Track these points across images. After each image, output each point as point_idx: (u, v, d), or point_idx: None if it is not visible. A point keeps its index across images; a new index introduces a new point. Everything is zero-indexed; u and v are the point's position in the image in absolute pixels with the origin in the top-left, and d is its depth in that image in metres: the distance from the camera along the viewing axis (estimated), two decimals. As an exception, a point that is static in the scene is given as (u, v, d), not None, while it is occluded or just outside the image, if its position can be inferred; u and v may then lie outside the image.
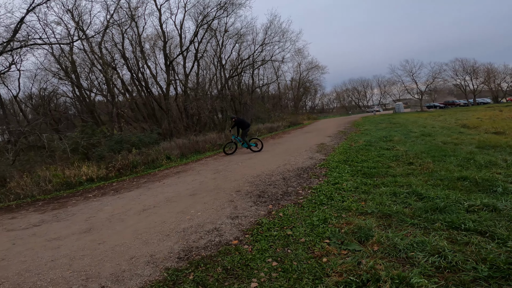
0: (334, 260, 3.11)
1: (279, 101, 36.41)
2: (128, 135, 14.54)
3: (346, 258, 3.16)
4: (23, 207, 6.50)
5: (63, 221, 5.19)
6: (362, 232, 3.63)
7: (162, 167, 11.56)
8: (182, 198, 6.22)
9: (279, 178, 7.11)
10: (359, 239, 3.52)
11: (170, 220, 4.99)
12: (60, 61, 18.94)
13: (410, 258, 3.03)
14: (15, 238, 4.38)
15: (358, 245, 3.41)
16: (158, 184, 7.81)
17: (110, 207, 6.01)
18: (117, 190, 7.58)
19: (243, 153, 12.12)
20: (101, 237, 4.38)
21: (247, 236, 4.10)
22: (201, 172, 8.75)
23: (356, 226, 3.83)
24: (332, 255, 3.26)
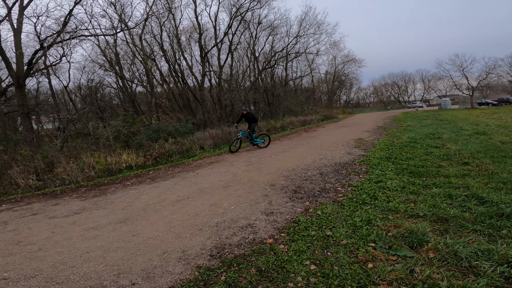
0: (382, 267, 2.77)
1: (312, 94, 35.31)
2: (165, 124, 14.77)
3: (396, 265, 2.83)
4: (67, 193, 6.72)
5: (102, 209, 5.22)
6: (414, 236, 3.23)
7: (196, 156, 11.56)
8: (215, 190, 6.03)
9: (315, 173, 6.67)
10: (410, 245, 3.15)
11: (203, 213, 4.80)
12: (105, 53, 19.72)
13: (474, 268, 2.63)
14: (55, 226, 4.44)
15: (410, 251, 3.04)
16: (192, 174, 7.72)
17: (146, 196, 5.98)
18: (153, 179, 7.61)
19: (276, 145, 11.76)
20: (135, 228, 4.30)
21: (283, 234, 3.80)
22: (234, 164, 8.54)
23: (406, 230, 3.41)
24: (378, 260, 2.91)
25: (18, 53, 9.86)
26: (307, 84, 36.54)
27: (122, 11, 15.63)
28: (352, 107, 49.53)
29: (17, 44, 9.91)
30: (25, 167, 8.28)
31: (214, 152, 12.36)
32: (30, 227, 4.43)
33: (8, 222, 4.68)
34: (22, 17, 9.68)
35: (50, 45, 10.64)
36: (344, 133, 14.23)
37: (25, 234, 4.13)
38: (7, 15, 9.34)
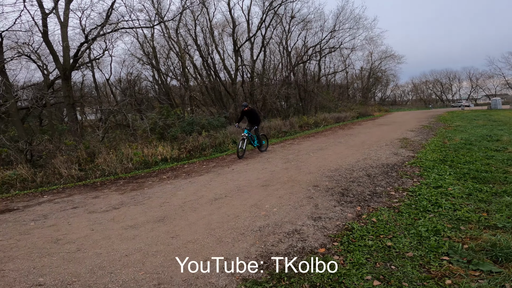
0: (465, 283, 2.42)
1: (346, 91, 33.75)
2: (198, 117, 14.59)
3: (480, 281, 2.46)
4: (106, 185, 6.61)
5: (140, 205, 4.96)
6: (498, 250, 2.79)
7: (229, 151, 11.22)
8: (254, 189, 5.58)
9: (362, 174, 5.99)
10: (494, 259, 2.76)
11: (244, 214, 4.37)
12: (143, 47, 20.04)
13: None
14: (94, 223, 4.22)
15: (495, 266, 2.67)
16: (227, 170, 7.34)
17: (183, 192, 5.67)
18: (189, 173, 7.33)
19: (312, 142, 11.09)
20: (174, 228, 3.95)
21: (336, 244, 3.33)
22: (270, 160, 8.04)
23: (486, 243, 2.93)
24: (458, 276, 2.54)
25: (64, 44, 10.03)
26: (340, 80, 35.00)
27: (159, 4, 15.60)
28: (388, 105, 46.81)
29: (63, 37, 10.09)
30: (69, 157, 8.37)
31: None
32: (69, 222, 4.24)
33: (48, 216, 4.54)
34: (68, 10, 9.80)
35: (94, 38, 10.76)
36: (385, 132, 13.18)
37: (64, 230, 3.93)
38: (53, 8, 9.49)
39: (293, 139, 12.57)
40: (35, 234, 3.78)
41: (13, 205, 5.24)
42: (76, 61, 11.16)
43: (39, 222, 4.26)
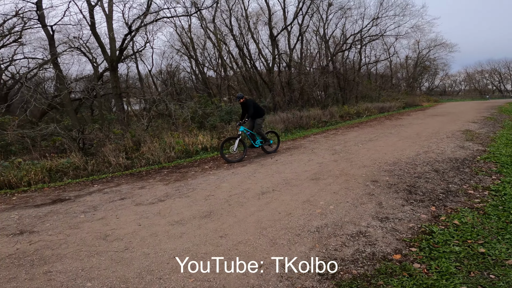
0: None
1: (390, 80, 31.32)
2: (236, 106, 14.23)
3: None
4: (151, 175, 6.49)
5: (185, 198, 4.69)
6: None
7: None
8: (303, 182, 5.04)
9: (428, 169, 5.17)
10: None
11: (297, 212, 3.87)
12: (181, 38, 20.15)
13: None
14: (141, 217, 3.99)
15: None
16: (271, 161, 6.87)
17: (227, 184, 5.31)
18: (230, 164, 6.98)
19: (357, 133, 10.19)
20: (222, 226, 3.58)
21: (414, 249, 2.82)
22: (316, 151, 7.41)
23: None
24: None
25: (111, 35, 10.13)
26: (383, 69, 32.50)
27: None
28: (437, 95, 42.80)
29: (109, 28, 10.20)
30: (116, 145, 8.46)
31: (285, 136, 11.40)
32: (117, 215, 4.05)
33: (97, 208, 4.42)
34: (112, 1, 9.83)
35: (137, 28, 10.80)
36: (441, 123, 11.77)
37: (113, 225, 3.73)
38: (98, 0, 9.53)
39: (336, 129, 11.74)
40: (85, 229, 3.63)
41: (65, 194, 5.25)
42: (121, 52, 11.28)
43: (88, 214, 4.13)
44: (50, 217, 4.05)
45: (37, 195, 5.26)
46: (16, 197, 5.25)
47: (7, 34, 10.02)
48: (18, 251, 3.04)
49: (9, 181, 5.69)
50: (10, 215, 4.21)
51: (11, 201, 5.00)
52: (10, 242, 3.29)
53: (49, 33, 9.85)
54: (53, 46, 10.01)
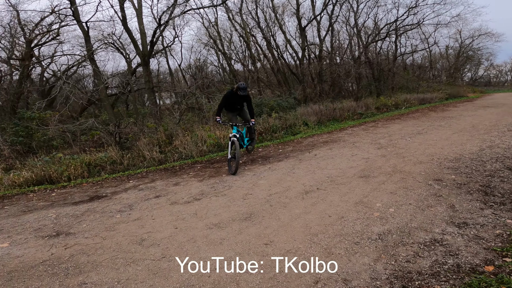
0: None
1: (429, 70, 29.00)
2: (266, 99, 13.72)
3: None
4: (184, 170, 6.23)
5: (221, 197, 4.32)
6: None
7: (301, 134, 10.16)
8: (351, 180, 4.47)
9: (499, 166, 4.37)
10: None
11: (350, 215, 3.34)
12: (208, 32, 20.01)
13: None
14: (177, 218, 3.66)
15: None
16: (309, 156, 6.32)
17: (265, 181, 4.87)
18: (265, 158, 6.54)
19: (402, 126, 9.28)
20: (265, 231, 3.15)
21: (508, 259, 2.35)
22: (359, 145, 6.74)
23: None
24: None
25: (141, 28, 10.03)
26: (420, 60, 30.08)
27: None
28: (481, 86, 39.18)
29: (139, 23, 10.18)
30: (150, 139, 8.36)
31: (319, 129, 10.74)
32: (153, 216, 3.77)
33: (133, 206, 4.17)
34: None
35: (167, 22, 10.64)
36: (496, 115, 10.45)
37: (149, 227, 3.44)
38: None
39: (374, 121, 10.84)
40: (121, 231, 3.36)
41: (102, 190, 5.10)
42: (152, 47, 11.21)
43: (124, 214, 3.89)
44: (87, 217, 3.86)
45: (75, 191, 5.16)
46: (56, 193, 5.18)
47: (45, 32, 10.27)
48: (53, 257, 2.81)
49: (49, 176, 5.69)
50: (48, 213, 4.08)
51: (50, 197, 4.92)
52: (45, 245, 3.09)
53: (84, 29, 9.94)
54: (89, 42, 10.10)
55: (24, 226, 3.65)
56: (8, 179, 5.55)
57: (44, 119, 8.10)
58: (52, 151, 7.30)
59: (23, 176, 5.65)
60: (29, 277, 2.48)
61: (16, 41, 11.29)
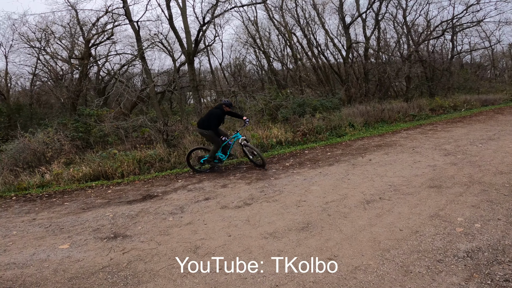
0: None
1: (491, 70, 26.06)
2: (310, 98, 13.23)
3: None
4: (230, 171, 6.08)
5: (273, 202, 4.06)
6: None
7: (347, 136, 9.58)
8: (420, 191, 3.96)
9: None
10: None
11: (426, 230, 2.91)
12: (248, 30, 20.06)
13: None
14: (230, 225, 3.48)
15: None
16: (363, 161, 5.83)
17: (318, 187, 4.53)
18: (314, 162, 6.17)
19: (465, 130, 8.28)
20: (327, 244, 2.85)
21: None
22: (420, 151, 6.07)
23: None
24: None
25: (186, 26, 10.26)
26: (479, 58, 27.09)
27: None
28: None
29: (184, 22, 10.40)
30: (195, 137, 8.43)
31: (367, 131, 10.05)
32: (205, 220, 3.63)
33: (184, 209, 4.08)
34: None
35: (210, 20, 10.76)
36: None
37: (201, 233, 3.30)
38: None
39: (431, 124, 9.85)
40: (174, 236, 3.26)
41: (154, 189, 5.13)
42: (197, 45, 11.39)
43: (176, 217, 3.81)
44: (141, 218, 3.84)
45: (129, 189, 5.26)
46: (111, 190, 5.32)
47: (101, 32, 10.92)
48: (112, 263, 2.76)
49: (105, 172, 5.93)
50: (105, 212, 4.15)
51: (107, 195, 5.05)
52: (104, 248, 3.07)
53: (136, 28, 10.36)
54: (140, 41, 10.52)
55: (84, 226, 3.71)
56: (68, 174, 5.90)
57: (101, 116, 8.59)
58: (107, 147, 7.69)
59: (82, 171, 5.96)
60: (89, 286, 2.42)
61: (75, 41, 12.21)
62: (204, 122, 5.77)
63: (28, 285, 2.50)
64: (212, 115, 5.80)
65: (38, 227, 3.81)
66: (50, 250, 3.11)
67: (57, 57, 12.47)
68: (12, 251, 3.18)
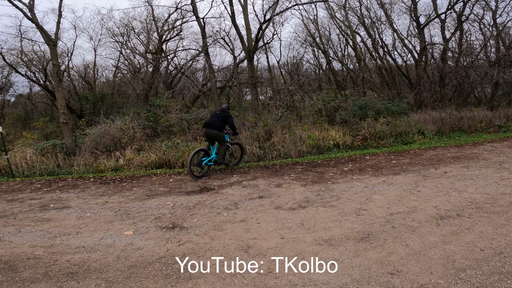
0: None
1: None
2: (373, 101, 12.38)
3: None
4: (285, 170, 5.98)
5: (329, 208, 3.84)
6: None
7: (415, 144, 8.71)
8: (507, 210, 3.47)
9: None
10: None
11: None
12: (307, 28, 19.69)
13: None
14: (283, 227, 3.37)
15: None
16: (436, 173, 5.19)
17: (381, 197, 4.16)
18: (376, 169, 5.71)
19: None
20: (390, 258, 2.59)
21: None
22: (507, 167, 5.16)
23: None
24: None
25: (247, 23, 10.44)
26: None
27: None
28: None
29: (245, 19, 10.56)
30: (250, 133, 8.56)
31: (441, 141, 9.01)
32: (258, 219, 3.59)
33: (238, 205, 4.11)
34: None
35: (270, 18, 10.76)
36: None
37: (254, 232, 3.26)
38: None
39: (526, 136, 8.37)
40: (228, 232, 3.28)
41: (210, 182, 5.29)
42: (257, 42, 11.52)
43: (230, 212, 3.85)
44: (198, 210, 3.96)
45: (188, 180, 5.51)
46: (173, 179, 5.65)
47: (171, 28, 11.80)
48: (168, 254, 2.86)
49: (169, 160, 6.38)
50: (167, 201, 4.39)
51: (169, 183, 5.37)
52: (162, 238, 3.20)
53: (201, 24, 10.92)
54: (205, 37, 11.05)
55: (147, 213, 3.94)
56: (138, 160, 6.50)
57: (168, 107, 9.32)
58: (172, 136, 8.29)
59: (150, 158, 6.51)
60: (145, 276, 2.50)
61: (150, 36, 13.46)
62: (221, 124, 5.91)
63: (92, 271, 2.60)
64: (228, 118, 6.04)
65: (109, 210, 4.13)
66: (116, 236, 3.30)
67: (135, 52, 13.93)
68: (83, 234, 3.39)
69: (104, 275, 2.54)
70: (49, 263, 2.78)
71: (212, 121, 5.89)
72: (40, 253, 2.99)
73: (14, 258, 2.92)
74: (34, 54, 13.80)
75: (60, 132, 11.10)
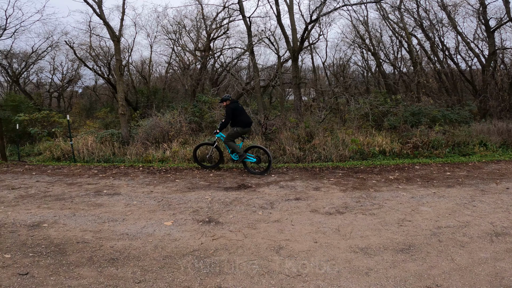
0: None
1: None
2: (428, 107, 11.50)
3: None
4: (324, 174, 5.84)
5: (369, 216, 3.67)
6: None
7: (475, 156, 7.90)
8: None
9: None
10: None
11: None
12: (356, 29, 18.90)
13: None
14: (317, 231, 3.31)
15: None
16: (497, 188, 4.66)
17: (430, 209, 3.87)
18: (427, 180, 5.30)
19: None
20: (431, 272, 2.46)
21: None
22: None
23: None
24: None
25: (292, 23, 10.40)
26: None
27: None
28: None
29: (291, 19, 10.51)
30: (291, 134, 8.54)
31: (505, 154, 8.04)
32: (293, 221, 3.57)
33: (274, 205, 4.13)
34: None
35: (317, 18, 10.57)
36: None
37: (287, 233, 3.25)
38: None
39: None
40: (261, 231, 3.31)
41: (248, 180, 5.38)
42: (302, 42, 11.41)
43: (266, 211, 3.88)
44: (234, 207, 4.06)
45: (227, 175, 5.69)
46: (213, 174, 5.87)
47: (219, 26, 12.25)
48: (202, 247, 2.97)
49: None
50: (205, 195, 4.57)
51: (209, 178, 5.59)
52: (198, 231, 3.32)
53: (247, 23, 11.14)
54: (250, 36, 11.27)
55: (186, 205, 4.13)
56: (182, 152, 6.91)
57: (213, 103, 9.76)
58: (215, 132, 8.66)
59: (193, 152, 6.85)
60: (178, 267, 2.61)
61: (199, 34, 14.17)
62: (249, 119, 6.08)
63: (131, 259, 2.73)
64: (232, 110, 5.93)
65: (153, 200, 4.41)
66: (157, 225, 3.48)
67: (186, 49, 14.78)
68: (128, 221, 3.58)
69: (141, 263, 2.67)
70: (95, 248, 2.94)
71: (246, 117, 6.08)
72: (89, 238, 3.15)
73: (65, 241, 3.08)
74: (100, 50, 15.38)
75: (117, 122, 12.20)
